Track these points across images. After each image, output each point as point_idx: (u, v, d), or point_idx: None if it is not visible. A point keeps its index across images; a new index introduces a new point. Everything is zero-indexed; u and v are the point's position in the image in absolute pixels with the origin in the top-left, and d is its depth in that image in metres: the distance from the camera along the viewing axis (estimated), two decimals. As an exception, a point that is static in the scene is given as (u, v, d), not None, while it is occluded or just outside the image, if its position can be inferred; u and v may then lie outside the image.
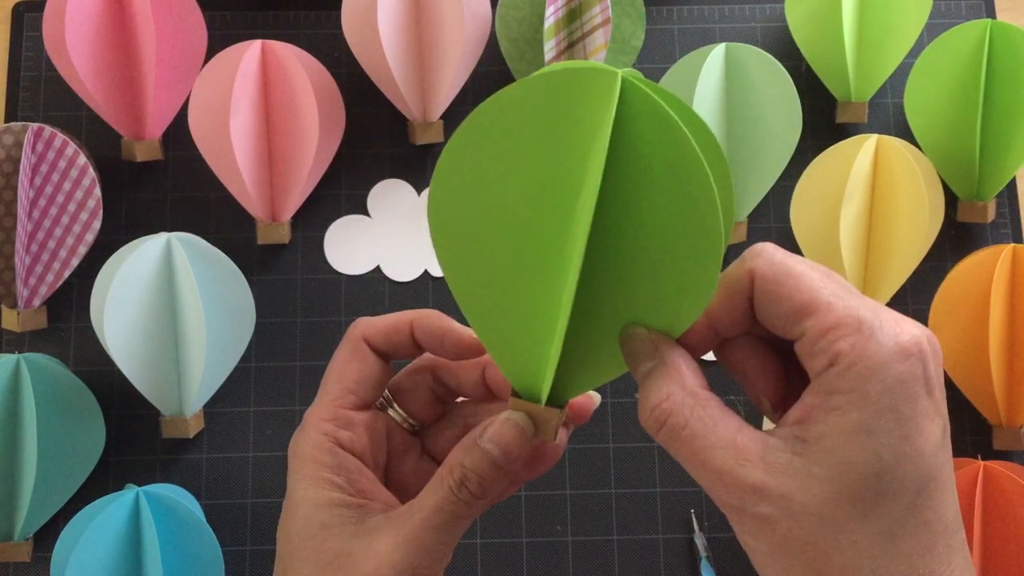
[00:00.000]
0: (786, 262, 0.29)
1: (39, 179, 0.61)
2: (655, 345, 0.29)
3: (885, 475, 0.26)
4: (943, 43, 0.63)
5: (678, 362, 0.29)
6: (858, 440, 0.26)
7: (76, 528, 0.54)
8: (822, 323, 0.27)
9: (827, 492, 0.26)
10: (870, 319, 0.27)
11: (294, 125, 0.61)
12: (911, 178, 0.59)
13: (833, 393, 0.26)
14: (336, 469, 0.32)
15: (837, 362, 0.26)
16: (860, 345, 0.26)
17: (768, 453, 0.27)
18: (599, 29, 0.62)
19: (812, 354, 0.27)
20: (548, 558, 0.61)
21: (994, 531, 0.54)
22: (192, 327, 0.57)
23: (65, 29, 0.59)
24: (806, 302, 0.28)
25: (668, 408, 0.28)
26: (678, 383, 0.29)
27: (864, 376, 0.26)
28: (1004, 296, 0.58)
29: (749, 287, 0.29)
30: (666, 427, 0.28)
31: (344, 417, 0.33)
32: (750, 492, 0.26)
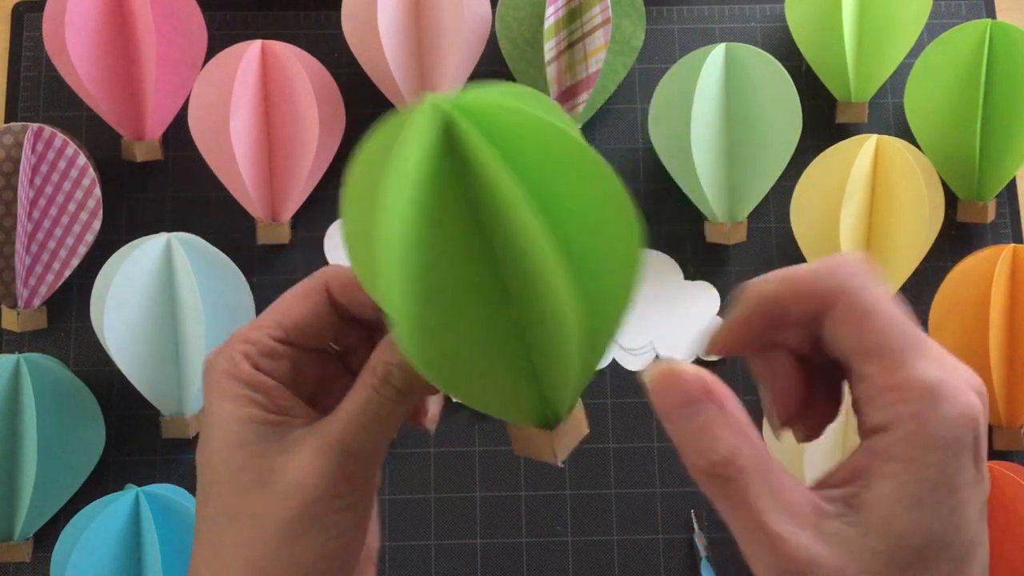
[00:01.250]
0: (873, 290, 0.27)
1: (39, 179, 0.61)
2: (705, 388, 0.27)
3: (933, 545, 0.25)
4: (943, 43, 0.63)
5: (737, 410, 0.27)
6: (912, 512, 0.25)
7: (76, 528, 0.54)
8: (888, 379, 0.26)
9: (879, 564, 0.25)
10: (935, 384, 0.26)
11: (294, 125, 0.61)
12: (911, 178, 0.59)
13: (888, 459, 0.26)
14: (254, 386, 0.30)
15: (895, 427, 0.26)
16: (922, 415, 0.25)
17: (823, 521, 0.26)
18: (599, 29, 0.62)
19: (870, 405, 0.26)
20: (548, 558, 0.61)
21: (994, 531, 0.54)
22: (192, 327, 0.57)
23: (65, 29, 0.59)
24: (878, 345, 0.26)
25: (741, 465, 0.26)
26: (742, 433, 0.27)
27: (921, 448, 0.25)
28: (1004, 296, 0.58)
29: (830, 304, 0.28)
30: (734, 483, 0.26)
31: (267, 346, 0.31)
32: (806, 564, 0.25)
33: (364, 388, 0.30)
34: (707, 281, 0.65)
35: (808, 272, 0.28)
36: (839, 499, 0.26)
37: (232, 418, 0.30)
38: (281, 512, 0.29)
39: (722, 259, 0.65)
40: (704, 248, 0.65)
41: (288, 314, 0.32)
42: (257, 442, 0.30)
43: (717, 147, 0.62)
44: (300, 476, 0.29)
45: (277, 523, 0.29)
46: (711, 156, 0.62)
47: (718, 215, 0.63)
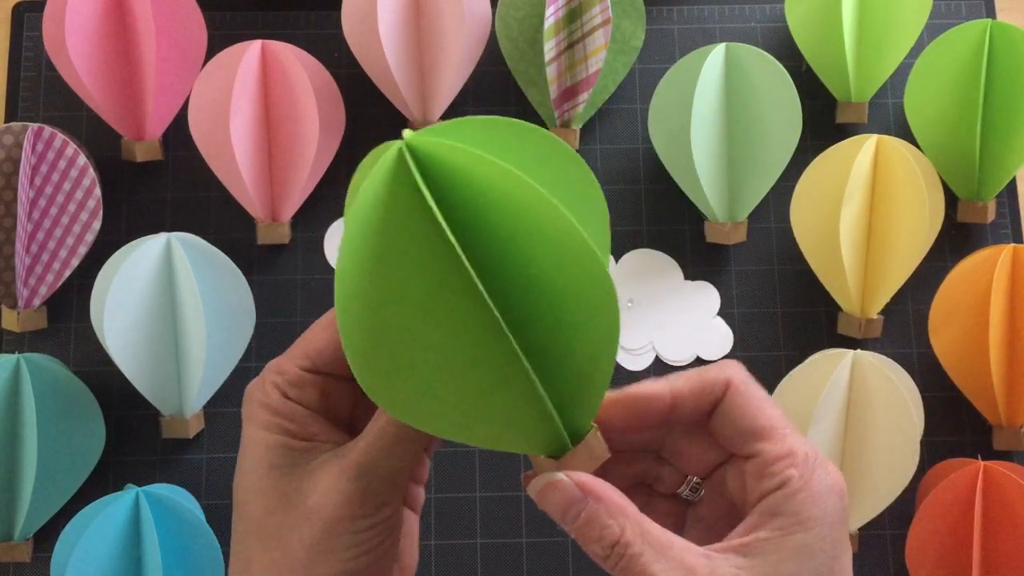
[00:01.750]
0: (756, 385, 0.33)
1: (39, 179, 0.61)
2: (580, 486, 0.31)
3: None
4: (943, 43, 0.63)
5: (614, 496, 0.31)
6: (800, 558, 0.29)
7: (76, 528, 0.54)
8: (778, 450, 0.31)
9: None
10: (813, 457, 0.31)
11: (294, 125, 0.61)
12: (911, 178, 0.59)
13: (777, 515, 0.30)
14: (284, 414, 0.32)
15: (785, 487, 0.30)
16: (807, 476, 0.30)
17: (715, 569, 0.29)
18: (599, 29, 0.62)
19: (762, 475, 0.31)
20: (548, 558, 0.61)
21: (994, 531, 0.54)
22: (192, 327, 0.57)
23: (65, 29, 0.59)
24: (767, 427, 0.32)
25: (626, 542, 0.30)
26: (622, 515, 0.30)
27: (809, 503, 0.30)
28: (1004, 296, 0.58)
29: (722, 392, 0.33)
30: (625, 559, 0.30)
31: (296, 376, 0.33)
32: None
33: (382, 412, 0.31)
34: (707, 281, 0.65)
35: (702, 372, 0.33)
36: (730, 549, 0.30)
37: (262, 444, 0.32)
38: (305, 531, 0.31)
39: (722, 259, 0.65)
40: (704, 248, 0.65)
41: (313, 343, 0.33)
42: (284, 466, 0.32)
43: (717, 147, 0.62)
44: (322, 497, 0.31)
45: (301, 542, 0.31)
46: (711, 156, 0.62)
47: (718, 215, 0.63)
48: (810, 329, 0.64)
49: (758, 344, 0.64)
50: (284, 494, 0.31)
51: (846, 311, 0.62)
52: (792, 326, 0.65)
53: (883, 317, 0.62)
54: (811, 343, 0.62)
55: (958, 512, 0.55)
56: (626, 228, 0.66)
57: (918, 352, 0.64)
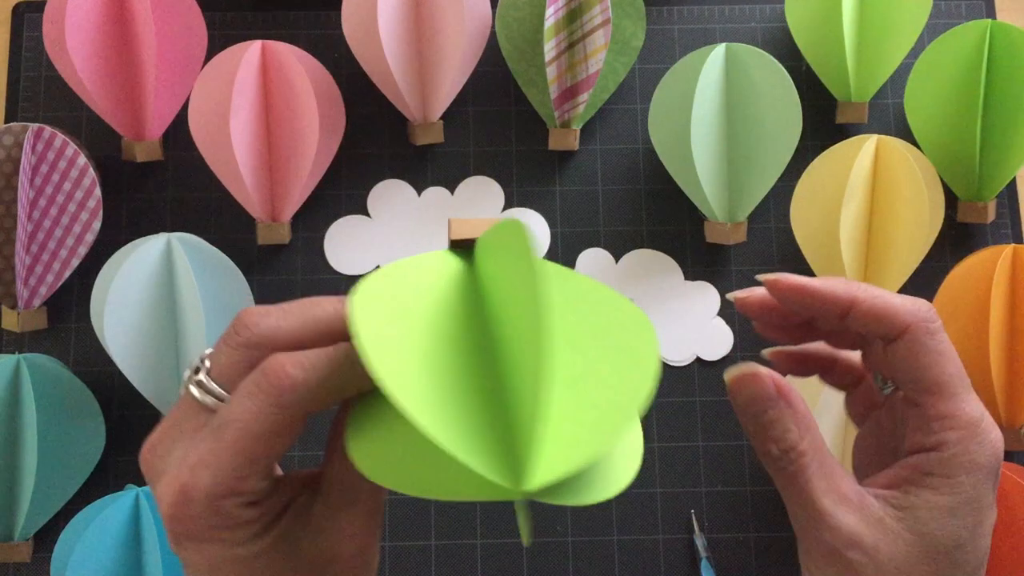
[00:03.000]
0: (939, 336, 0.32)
1: (39, 179, 0.61)
2: (778, 387, 0.32)
3: (960, 550, 0.31)
4: (943, 43, 0.63)
5: (802, 407, 0.32)
6: (945, 519, 0.31)
7: (76, 528, 0.54)
8: (941, 409, 0.31)
9: (912, 554, 0.30)
10: (978, 419, 0.31)
11: (294, 125, 0.61)
12: (911, 178, 0.59)
13: (930, 474, 0.31)
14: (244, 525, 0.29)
15: (941, 449, 0.31)
16: (965, 441, 0.31)
17: (867, 508, 0.31)
18: (599, 29, 0.62)
19: (921, 430, 0.32)
20: (548, 558, 0.61)
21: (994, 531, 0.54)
22: (192, 327, 0.57)
23: (65, 29, 0.59)
24: (937, 382, 0.31)
25: (802, 451, 0.31)
26: (807, 427, 0.32)
27: (962, 469, 0.31)
28: (1004, 296, 0.58)
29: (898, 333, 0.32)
30: (796, 467, 0.31)
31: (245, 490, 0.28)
32: (848, 538, 0.30)
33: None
34: (707, 281, 0.65)
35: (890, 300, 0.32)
36: (882, 497, 0.31)
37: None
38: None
39: (722, 259, 0.65)
40: (704, 248, 0.65)
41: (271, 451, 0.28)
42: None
43: (717, 147, 0.62)
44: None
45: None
46: (711, 156, 0.62)
47: (718, 215, 0.63)
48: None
49: (758, 344, 0.64)
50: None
51: (846, 311, 0.62)
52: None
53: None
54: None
55: (958, 512, 0.55)
56: (626, 228, 0.66)
57: (918, 352, 0.64)
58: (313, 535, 0.30)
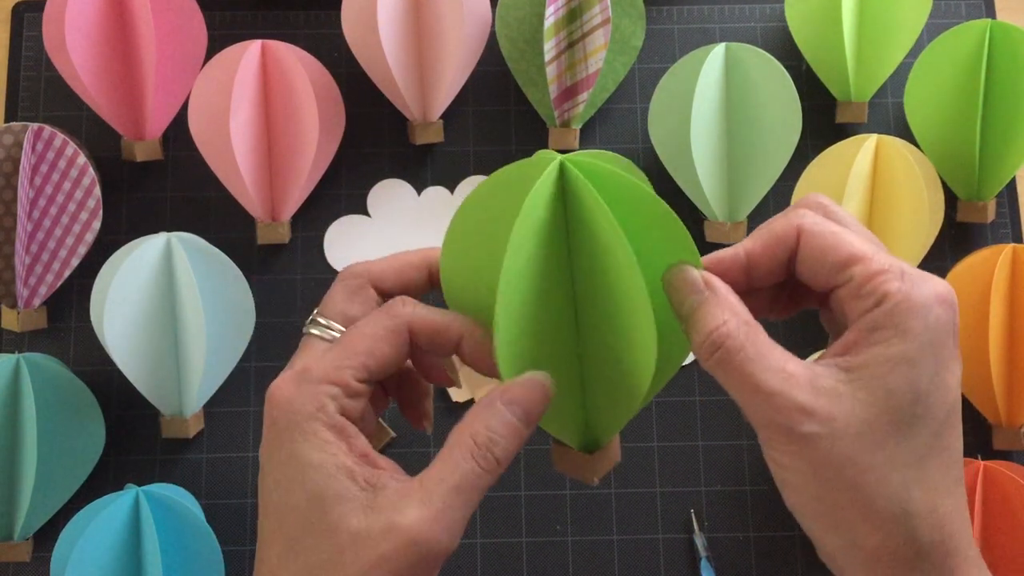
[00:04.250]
0: (829, 220, 0.32)
1: (39, 179, 0.61)
2: (704, 279, 0.31)
3: (920, 402, 0.29)
4: (943, 43, 0.63)
5: (728, 293, 0.31)
6: (900, 369, 0.29)
7: (76, 528, 0.54)
8: (869, 269, 0.30)
9: (870, 414, 0.29)
10: (909, 269, 0.30)
11: (294, 125, 0.61)
12: (911, 178, 0.59)
13: (878, 329, 0.29)
14: (342, 433, 0.31)
15: (884, 302, 0.29)
16: (906, 288, 0.29)
17: (815, 378, 0.29)
18: (599, 29, 0.62)
19: (858, 296, 0.30)
20: (548, 558, 0.61)
21: (994, 531, 0.54)
22: (192, 327, 0.57)
23: (65, 29, 0.59)
24: (853, 253, 0.30)
25: (725, 332, 0.30)
26: (731, 311, 0.30)
27: (910, 313, 0.29)
28: (1004, 296, 0.58)
29: (795, 241, 0.32)
30: (722, 350, 0.30)
31: (353, 388, 0.31)
32: (799, 412, 0.29)
33: (464, 460, 0.30)
34: (707, 281, 0.65)
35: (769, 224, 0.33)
36: (831, 365, 0.30)
37: (325, 469, 0.30)
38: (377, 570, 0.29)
39: (722, 259, 0.65)
40: (704, 248, 0.65)
41: (373, 355, 0.32)
42: (351, 499, 0.30)
43: (717, 147, 0.62)
44: (399, 549, 0.29)
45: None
46: (711, 156, 0.62)
47: (718, 215, 0.63)
48: (810, 328, 0.64)
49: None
50: (355, 535, 0.29)
51: (846, 311, 0.62)
52: (792, 326, 0.64)
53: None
54: (811, 342, 0.62)
55: (958, 512, 0.55)
56: (626, 228, 0.66)
57: (918, 352, 0.64)
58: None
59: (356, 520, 0.29)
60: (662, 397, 0.63)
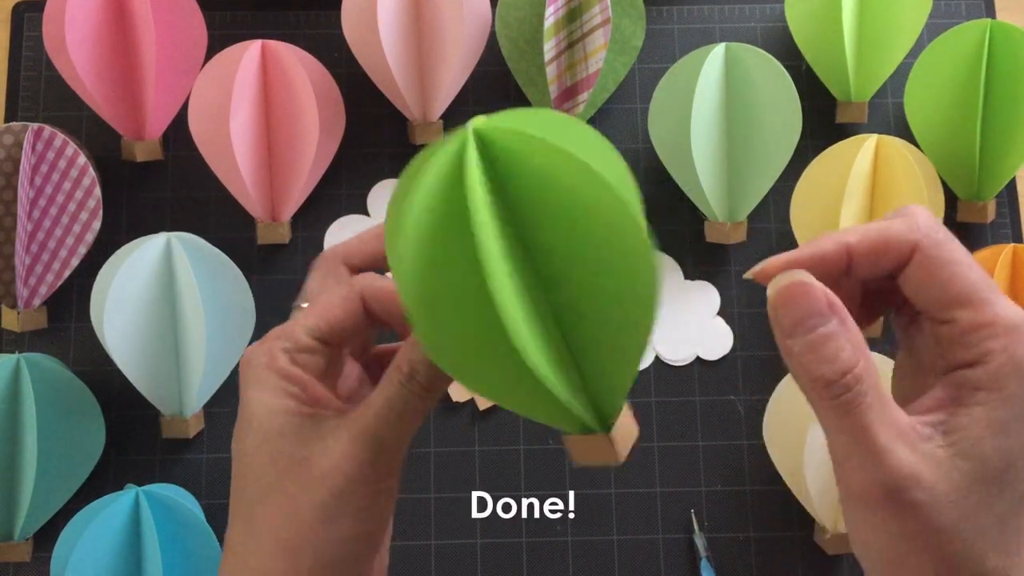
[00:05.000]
0: (949, 245, 0.29)
1: (39, 179, 0.61)
2: (831, 304, 0.28)
3: (1011, 468, 0.28)
4: (943, 43, 0.63)
5: (855, 327, 0.29)
6: (997, 437, 0.28)
7: (76, 528, 0.54)
8: (976, 319, 0.28)
9: (965, 483, 0.27)
10: (1019, 323, 0.28)
11: (294, 125, 0.61)
12: (911, 178, 0.59)
13: (977, 389, 0.28)
14: (291, 379, 0.32)
15: (987, 360, 0.28)
16: (1011, 348, 0.28)
17: (918, 440, 0.28)
18: (599, 29, 0.62)
19: (959, 344, 0.28)
20: (548, 558, 0.61)
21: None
22: (192, 327, 0.57)
23: (65, 29, 0.59)
24: (963, 293, 0.29)
25: (859, 375, 0.28)
26: (860, 347, 0.28)
27: (1012, 377, 0.28)
28: (1004, 296, 0.58)
29: (907, 256, 0.30)
30: (852, 393, 0.28)
31: (307, 343, 0.33)
32: (907, 477, 0.27)
33: (391, 384, 0.32)
34: (707, 281, 0.65)
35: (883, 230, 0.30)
36: (929, 424, 0.28)
37: (269, 409, 0.32)
38: (316, 496, 0.31)
39: (722, 259, 0.65)
40: (704, 248, 0.65)
41: (325, 317, 0.34)
42: (293, 431, 0.32)
43: (717, 147, 0.62)
44: (335, 463, 0.31)
45: (311, 506, 0.31)
46: (711, 156, 0.62)
47: (718, 215, 0.63)
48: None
49: (758, 344, 0.64)
50: (293, 459, 0.32)
51: (846, 311, 0.62)
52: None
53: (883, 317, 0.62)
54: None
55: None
56: (626, 228, 0.66)
57: (918, 352, 0.64)
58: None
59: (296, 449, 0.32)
60: (662, 397, 0.63)
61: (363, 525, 0.32)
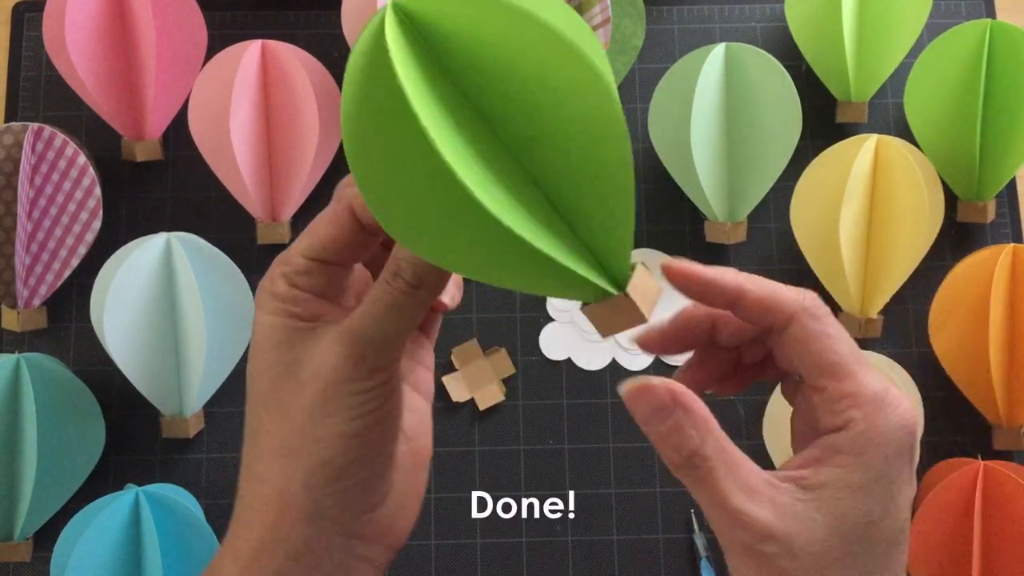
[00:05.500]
0: (826, 320, 0.32)
1: (39, 179, 0.61)
2: (673, 396, 0.31)
3: (872, 526, 0.30)
4: (943, 43, 0.63)
5: (701, 410, 0.31)
6: (856, 496, 0.30)
7: (76, 528, 0.54)
8: (842, 389, 0.31)
9: (824, 535, 0.30)
10: (882, 393, 0.31)
11: (294, 125, 0.61)
12: (911, 178, 0.59)
13: (838, 453, 0.31)
14: (291, 300, 0.34)
15: (848, 428, 0.31)
16: (871, 417, 0.30)
17: (776, 496, 0.30)
18: (599, 29, 0.62)
19: (827, 412, 0.31)
20: (548, 558, 0.61)
21: (994, 531, 0.54)
22: (192, 327, 0.57)
23: (65, 29, 0.59)
24: (833, 364, 0.31)
25: (705, 454, 0.31)
26: (707, 431, 0.31)
27: (869, 444, 0.30)
28: (1004, 296, 0.58)
29: (784, 323, 0.32)
30: (701, 470, 0.31)
31: (302, 265, 0.35)
32: (760, 532, 0.30)
33: (379, 284, 0.33)
34: (707, 281, 0.65)
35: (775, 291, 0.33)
36: (792, 480, 0.31)
37: (268, 326, 0.34)
38: (303, 397, 0.32)
39: (722, 259, 0.65)
40: (704, 248, 0.65)
41: (317, 235, 0.35)
42: (287, 342, 0.33)
43: (717, 147, 0.62)
44: (318, 363, 0.32)
45: (300, 407, 0.32)
46: (711, 156, 0.62)
47: (718, 215, 0.63)
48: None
49: (758, 344, 0.64)
50: (286, 365, 0.33)
51: (846, 311, 0.62)
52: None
53: (883, 317, 0.62)
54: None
55: (958, 511, 0.55)
56: (626, 228, 0.66)
57: (918, 352, 0.64)
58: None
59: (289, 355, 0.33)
60: (662, 397, 0.63)
61: (354, 423, 0.32)
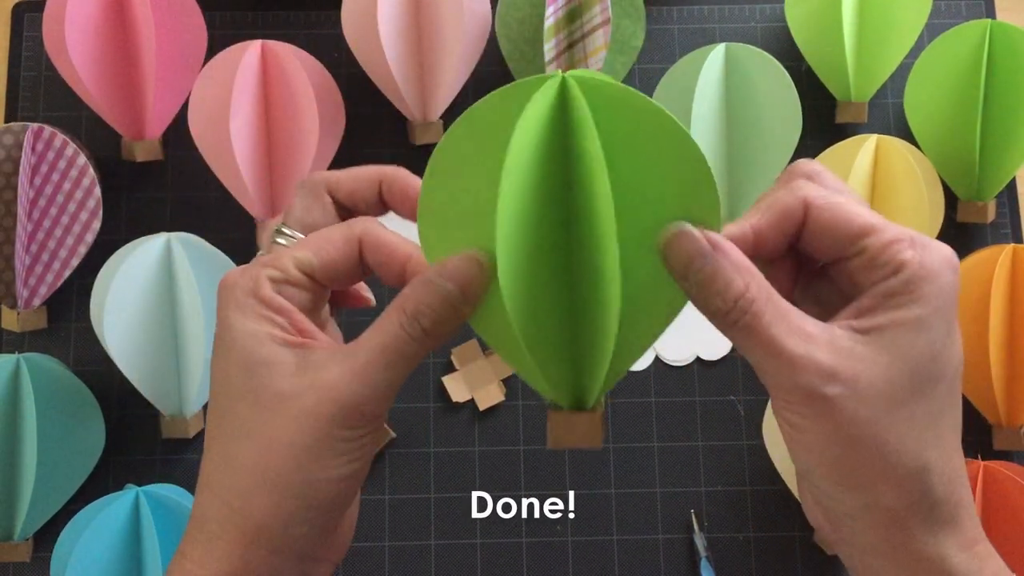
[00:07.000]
0: (837, 192, 0.32)
1: (39, 179, 0.61)
2: (709, 239, 0.30)
3: (936, 361, 0.30)
4: (943, 43, 0.63)
5: (740, 256, 0.30)
6: (916, 333, 0.29)
7: (76, 528, 0.54)
8: (883, 240, 0.30)
9: (891, 374, 0.29)
10: (919, 237, 0.31)
11: (294, 125, 0.61)
12: (911, 178, 0.59)
13: (894, 295, 0.30)
14: (279, 310, 0.31)
15: (902, 270, 0.30)
16: (920, 256, 0.30)
17: (835, 340, 0.29)
18: (599, 29, 0.62)
19: (873, 266, 0.30)
20: (548, 558, 0.61)
21: (994, 531, 0.54)
22: (192, 327, 0.57)
23: (65, 29, 0.59)
24: (864, 225, 0.31)
25: (752, 297, 0.29)
26: (748, 273, 0.30)
27: (926, 280, 0.30)
28: (1004, 296, 0.58)
29: (802, 215, 0.32)
30: (749, 316, 0.29)
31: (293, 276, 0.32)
32: (823, 374, 0.29)
33: (391, 324, 0.31)
34: (707, 281, 0.65)
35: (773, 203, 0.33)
36: (848, 328, 0.30)
37: (254, 335, 0.31)
38: (299, 435, 0.30)
39: (722, 259, 0.65)
40: (704, 248, 0.65)
41: (320, 254, 0.33)
42: (279, 362, 0.31)
43: (717, 147, 0.62)
44: (317, 403, 0.30)
45: (294, 444, 0.30)
46: (711, 156, 0.62)
47: (718, 215, 0.63)
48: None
49: (758, 344, 0.64)
50: (278, 393, 0.30)
51: (846, 311, 0.62)
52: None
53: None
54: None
55: (958, 512, 0.55)
56: (626, 228, 0.66)
57: (918, 352, 0.64)
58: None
59: (281, 382, 0.31)
60: (662, 397, 0.63)
61: (347, 467, 0.31)
